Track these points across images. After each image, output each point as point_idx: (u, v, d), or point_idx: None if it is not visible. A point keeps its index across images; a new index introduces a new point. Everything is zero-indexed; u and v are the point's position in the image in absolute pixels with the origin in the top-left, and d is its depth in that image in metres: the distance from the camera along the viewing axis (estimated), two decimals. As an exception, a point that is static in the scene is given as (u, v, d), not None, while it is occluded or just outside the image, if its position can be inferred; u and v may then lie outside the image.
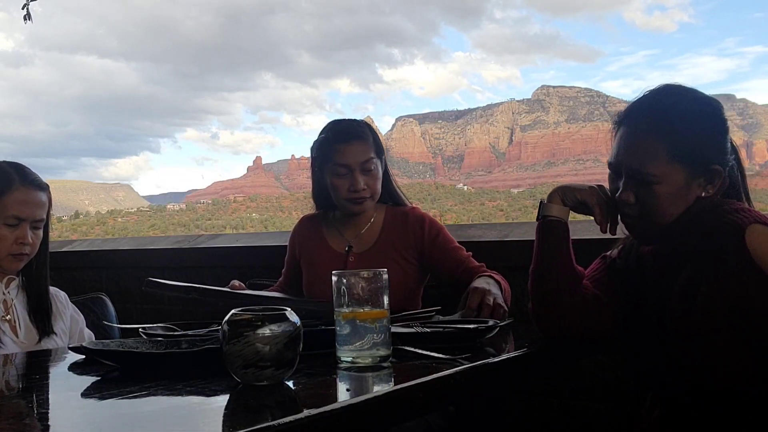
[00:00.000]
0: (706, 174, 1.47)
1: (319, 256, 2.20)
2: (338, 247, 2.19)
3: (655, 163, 1.45)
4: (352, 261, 2.14)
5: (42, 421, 1.02)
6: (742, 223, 1.38)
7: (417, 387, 1.12)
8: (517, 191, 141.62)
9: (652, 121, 1.47)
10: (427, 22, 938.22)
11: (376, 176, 2.13)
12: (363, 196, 2.10)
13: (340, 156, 2.09)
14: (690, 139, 1.46)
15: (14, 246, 1.82)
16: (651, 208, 1.48)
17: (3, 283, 1.87)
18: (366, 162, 2.09)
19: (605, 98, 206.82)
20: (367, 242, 2.18)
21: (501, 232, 2.73)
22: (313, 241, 2.24)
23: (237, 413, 1.03)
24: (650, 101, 1.52)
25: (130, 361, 1.29)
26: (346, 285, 1.27)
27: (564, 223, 1.59)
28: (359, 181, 2.08)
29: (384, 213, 2.22)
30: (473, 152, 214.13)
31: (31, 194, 1.84)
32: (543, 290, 1.58)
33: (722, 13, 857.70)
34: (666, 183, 1.45)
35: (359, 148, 2.10)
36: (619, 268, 1.63)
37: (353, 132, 2.13)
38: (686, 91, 1.52)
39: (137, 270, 3.56)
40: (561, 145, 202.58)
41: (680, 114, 1.47)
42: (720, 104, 1.52)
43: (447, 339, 1.49)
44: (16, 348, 1.82)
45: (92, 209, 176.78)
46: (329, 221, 2.25)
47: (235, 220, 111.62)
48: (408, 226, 2.16)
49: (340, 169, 2.09)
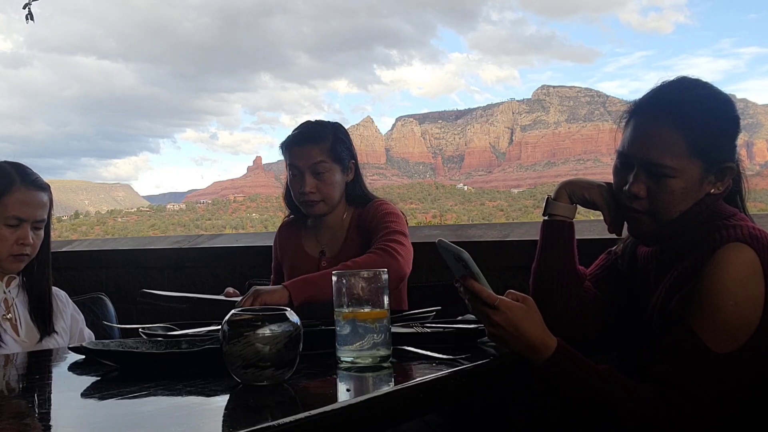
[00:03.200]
0: (719, 171, 1.43)
1: (296, 261, 2.24)
2: (312, 251, 2.23)
3: (674, 156, 1.39)
4: (324, 265, 2.16)
5: (42, 421, 1.02)
6: (721, 241, 1.33)
7: (417, 387, 1.13)
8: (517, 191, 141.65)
9: (672, 112, 1.41)
10: (424, 24, 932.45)
11: (329, 180, 2.12)
12: (311, 199, 2.12)
13: (293, 157, 2.14)
14: (709, 133, 1.41)
15: (15, 247, 1.81)
16: (661, 204, 1.43)
17: (3, 282, 1.87)
18: (316, 164, 2.10)
19: (605, 98, 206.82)
20: (337, 245, 2.20)
21: (501, 232, 2.73)
22: (291, 246, 2.28)
23: (237, 413, 1.03)
24: (669, 93, 1.46)
25: (130, 361, 1.29)
26: (346, 285, 1.27)
27: (569, 223, 1.58)
28: (307, 183, 2.10)
29: (351, 214, 2.22)
30: (473, 152, 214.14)
31: (32, 195, 1.84)
32: (544, 290, 1.58)
33: (717, 14, 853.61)
34: (681, 177, 1.40)
35: (310, 151, 2.11)
36: (620, 267, 1.63)
37: (307, 134, 2.15)
38: (704, 84, 1.47)
39: (137, 270, 3.56)
40: (561, 145, 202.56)
41: (700, 108, 1.42)
42: (733, 101, 1.48)
43: (447, 339, 1.49)
44: (17, 347, 1.82)
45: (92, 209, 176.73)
46: (307, 227, 2.28)
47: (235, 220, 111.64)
48: (368, 218, 2.15)
49: (293, 170, 2.14)
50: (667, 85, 1.48)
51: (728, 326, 1.29)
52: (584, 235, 2.21)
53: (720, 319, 1.29)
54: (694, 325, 1.30)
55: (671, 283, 1.41)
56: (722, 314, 1.29)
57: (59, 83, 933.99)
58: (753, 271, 1.30)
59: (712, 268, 1.31)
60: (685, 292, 1.35)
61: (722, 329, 1.29)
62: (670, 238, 1.47)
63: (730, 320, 1.29)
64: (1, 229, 1.79)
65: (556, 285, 1.58)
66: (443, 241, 1.38)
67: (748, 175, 1.54)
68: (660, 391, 1.30)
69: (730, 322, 1.29)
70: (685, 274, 1.37)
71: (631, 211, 1.48)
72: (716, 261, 1.31)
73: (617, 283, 1.61)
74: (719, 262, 1.31)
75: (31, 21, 5.22)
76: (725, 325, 1.29)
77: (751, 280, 1.30)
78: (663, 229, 1.47)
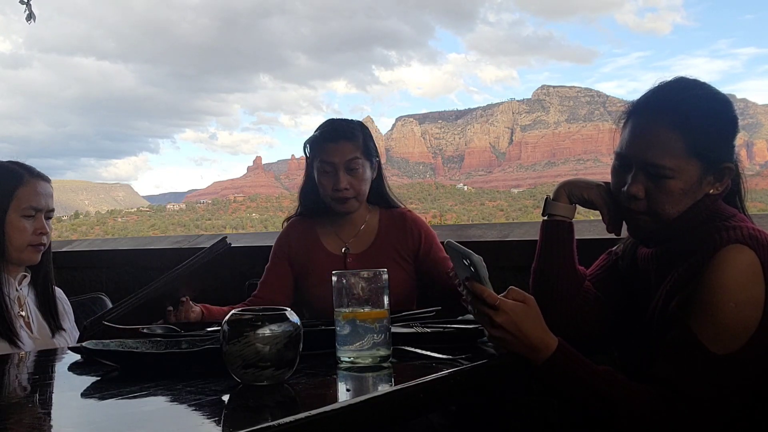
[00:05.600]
0: (718, 172, 1.43)
1: (315, 259, 2.19)
2: (334, 248, 2.20)
3: (672, 157, 1.39)
4: (351, 262, 2.15)
5: (42, 421, 1.02)
6: (722, 243, 1.32)
7: (417, 387, 1.12)
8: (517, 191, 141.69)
9: (670, 112, 1.41)
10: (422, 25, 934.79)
11: (362, 177, 2.13)
12: (345, 195, 2.11)
13: (326, 154, 2.12)
14: (707, 134, 1.40)
15: (34, 237, 1.88)
16: (659, 205, 1.43)
17: (16, 280, 1.89)
18: (350, 161, 2.11)
19: (605, 98, 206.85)
20: (364, 243, 2.19)
21: (501, 232, 2.73)
22: (307, 245, 2.23)
23: (237, 413, 1.03)
24: (667, 93, 1.46)
25: (130, 361, 1.29)
26: (346, 285, 1.27)
27: (568, 223, 1.58)
28: (342, 180, 2.10)
29: (378, 214, 2.23)
30: (473, 152, 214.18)
31: (41, 185, 1.92)
32: (544, 290, 1.58)
33: (714, 15, 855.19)
34: (680, 178, 1.40)
35: (345, 147, 2.11)
36: (620, 268, 1.63)
37: (341, 131, 2.15)
38: (702, 85, 1.47)
39: (137, 270, 3.56)
40: (561, 145, 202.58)
41: (698, 108, 1.42)
42: (731, 102, 1.48)
43: (447, 339, 1.49)
44: (32, 343, 1.85)
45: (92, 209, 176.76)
46: (322, 223, 2.25)
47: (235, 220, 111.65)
48: (406, 227, 2.19)
49: (326, 166, 2.12)
50: (665, 86, 1.47)
51: (728, 327, 1.29)
52: (584, 235, 2.20)
53: (720, 321, 1.29)
54: (694, 327, 1.30)
55: (671, 285, 1.40)
56: (722, 315, 1.29)
57: (59, 84, 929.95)
58: (753, 273, 1.29)
59: (712, 270, 1.31)
60: (685, 294, 1.35)
61: (722, 330, 1.29)
62: (669, 239, 1.47)
63: (730, 321, 1.29)
64: (19, 221, 1.85)
65: (556, 285, 1.58)
66: (452, 242, 1.38)
67: (748, 175, 1.54)
68: (659, 392, 1.30)
69: (730, 324, 1.29)
70: (686, 276, 1.37)
71: (630, 212, 1.47)
72: (716, 262, 1.31)
73: (617, 283, 1.61)
74: (719, 263, 1.30)
75: (33, 21, 5.21)
76: (725, 327, 1.29)
77: (751, 281, 1.29)
78: (662, 230, 1.46)
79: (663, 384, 1.30)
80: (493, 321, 1.33)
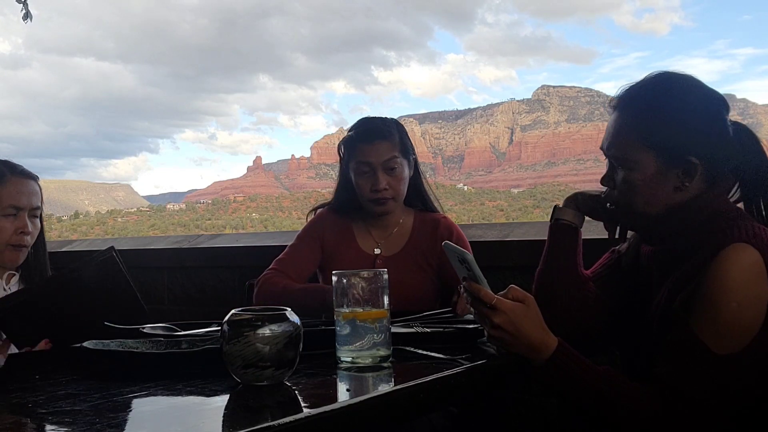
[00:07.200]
0: (682, 166, 1.41)
1: (346, 254, 2.16)
2: (367, 248, 2.18)
3: (628, 148, 1.42)
4: (380, 263, 2.12)
5: (41, 421, 1.02)
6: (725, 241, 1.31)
7: (417, 387, 1.12)
8: (517, 191, 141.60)
9: (632, 106, 1.45)
10: (421, 26, 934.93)
11: (400, 176, 2.11)
12: (384, 196, 2.09)
13: (363, 154, 2.10)
14: (666, 126, 1.40)
15: (14, 237, 1.86)
16: (623, 196, 1.46)
17: (3, 279, 1.89)
18: (388, 161, 2.08)
19: (606, 98, 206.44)
20: (395, 245, 2.17)
21: (501, 232, 2.73)
22: (340, 237, 2.20)
23: (237, 413, 1.02)
24: (638, 87, 1.48)
25: (130, 361, 1.29)
26: (346, 285, 1.27)
27: (575, 228, 1.60)
28: (381, 181, 2.07)
29: (413, 217, 2.20)
30: (473, 152, 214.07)
31: (24, 184, 1.90)
32: (547, 292, 1.58)
33: (712, 16, 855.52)
34: (637, 170, 1.42)
35: (382, 147, 2.08)
36: (623, 266, 1.63)
37: (377, 131, 2.11)
38: (679, 79, 1.46)
39: (137, 270, 3.55)
40: (561, 145, 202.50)
41: (658, 100, 1.42)
42: (719, 100, 1.45)
43: (447, 339, 1.49)
44: None
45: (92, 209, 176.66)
46: (357, 220, 2.21)
47: (235, 220, 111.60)
48: (437, 234, 2.14)
49: (363, 167, 2.10)
50: (642, 80, 1.49)
51: (730, 328, 1.28)
52: (584, 235, 2.20)
53: (722, 321, 1.28)
54: (696, 326, 1.29)
55: (674, 284, 1.40)
56: (724, 315, 1.28)
57: (58, 84, 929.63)
58: (756, 272, 1.28)
59: (715, 269, 1.30)
60: (687, 293, 1.34)
61: (724, 330, 1.28)
62: (668, 237, 1.47)
63: (733, 322, 1.28)
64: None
65: (559, 289, 1.58)
66: (449, 243, 1.38)
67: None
68: (660, 392, 1.29)
69: (733, 324, 1.28)
70: (688, 275, 1.37)
71: (606, 203, 1.53)
72: (719, 262, 1.30)
73: (620, 281, 1.61)
74: (722, 262, 1.29)
75: (29, 20, 5.19)
76: (727, 327, 1.28)
77: (754, 281, 1.28)
78: (653, 226, 1.47)
79: (663, 384, 1.30)
80: (492, 321, 1.33)
